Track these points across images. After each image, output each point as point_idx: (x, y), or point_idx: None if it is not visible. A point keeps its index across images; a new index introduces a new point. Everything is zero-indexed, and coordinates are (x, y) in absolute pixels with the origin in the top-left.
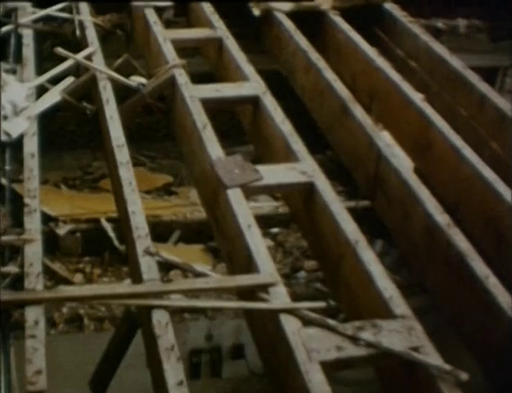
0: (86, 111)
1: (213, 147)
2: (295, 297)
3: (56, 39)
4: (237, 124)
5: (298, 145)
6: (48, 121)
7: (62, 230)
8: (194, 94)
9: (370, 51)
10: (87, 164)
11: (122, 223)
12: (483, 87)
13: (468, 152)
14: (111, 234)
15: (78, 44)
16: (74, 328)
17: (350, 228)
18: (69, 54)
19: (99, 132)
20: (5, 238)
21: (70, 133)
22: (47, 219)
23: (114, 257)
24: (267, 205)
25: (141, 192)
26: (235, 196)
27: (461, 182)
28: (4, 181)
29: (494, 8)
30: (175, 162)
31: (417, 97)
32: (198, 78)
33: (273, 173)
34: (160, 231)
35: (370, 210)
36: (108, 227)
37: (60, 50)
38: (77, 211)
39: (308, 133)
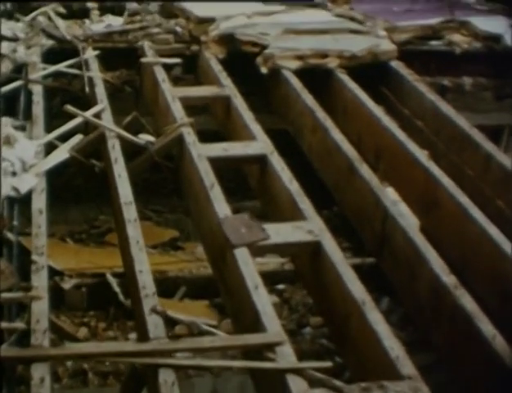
0: (94, 169)
1: (221, 206)
2: (301, 353)
3: (65, 95)
4: (244, 179)
5: (305, 204)
6: (55, 176)
7: (67, 284)
8: (202, 153)
9: (377, 110)
10: (93, 218)
11: (128, 280)
12: (489, 146)
13: (474, 211)
14: (116, 289)
15: (87, 100)
16: (78, 383)
17: (357, 288)
18: (78, 112)
19: (106, 187)
20: (12, 295)
21: (77, 187)
22: (52, 272)
23: (119, 312)
24: (272, 261)
25: (147, 247)
26: (242, 256)
27: (467, 241)
28: (12, 237)
29: (499, 66)
30: (181, 217)
31: (423, 156)
32: (205, 135)
33: (280, 232)
34: (166, 286)
35: (376, 267)
36: (113, 281)
37: (69, 107)
38: (82, 265)
39: (315, 188)
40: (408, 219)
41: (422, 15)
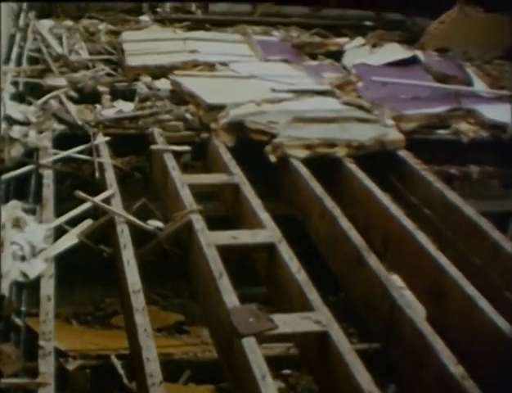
0: (103, 254)
1: (229, 296)
2: None
3: (75, 180)
4: (252, 264)
5: (313, 294)
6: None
7: (72, 365)
8: (210, 241)
9: (385, 199)
10: (99, 300)
11: (135, 366)
12: (497, 235)
13: (482, 302)
14: (121, 371)
15: (97, 185)
16: None
17: (364, 379)
18: (88, 197)
19: (113, 270)
20: (19, 381)
21: (83, 269)
22: (57, 353)
23: None
24: (278, 345)
25: (153, 330)
26: (249, 345)
27: (474, 331)
28: (19, 322)
29: (506, 154)
30: (187, 301)
31: (431, 245)
32: (214, 221)
33: (288, 322)
34: (171, 369)
35: (382, 353)
36: (118, 364)
37: (79, 193)
38: (87, 347)
39: (322, 274)
40: (416, 309)
41: (429, 103)
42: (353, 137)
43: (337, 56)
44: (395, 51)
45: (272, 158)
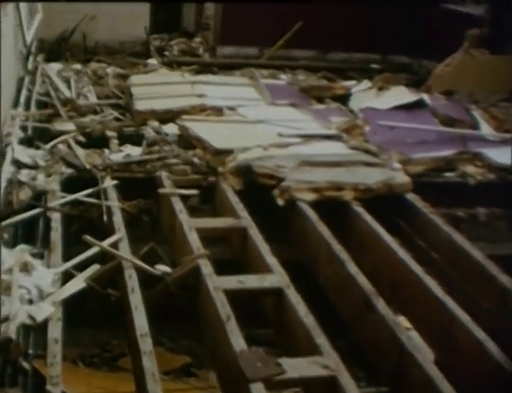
0: (110, 298)
1: (237, 340)
2: None
3: (83, 223)
4: (260, 306)
5: (321, 338)
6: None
7: None
8: (218, 285)
9: (392, 243)
10: (105, 342)
11: None
12: (505, 279)
13: (490, 346)
14: None
15: (104, 228)
16: None
17: None
18: (96, 242)
19: (120, 313)
20: None
21: (90, 311)
22: None
23: None
24: (287, 391)
25: (160, 373)
26: (257, 391)
27: (483, 375)
28: (27, 365)
29: None
30: (194, 343)
31: (439, 290)
32: (222, 265)
33: (296, 367)
34: None
35: None
36: None
37: (87, 238)
38: (94, 390)
39: (330, 317)
40: (424, 354)
41: (435, 146)
42: (361, 180)
43: (344, 99)
44: (402, 95)
45: (280, 201)
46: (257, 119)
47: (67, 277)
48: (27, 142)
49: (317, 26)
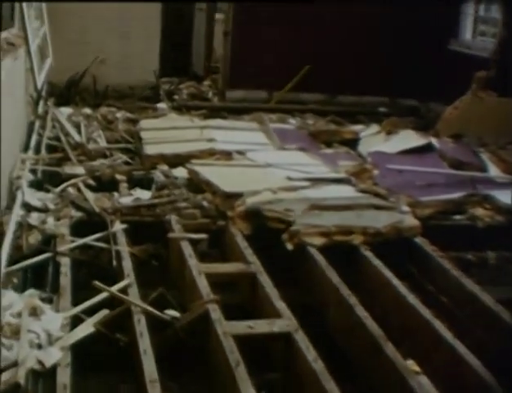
0: (119, 342)
1: (246, 386)
2: None
3: (92, 267)
4: (268, 350)
5: (330, 384)
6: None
7: None
8: (227, 331)
9: (401, 287)
10: (114, 387)
11: None
12: None
13: (499, 390)
14: None
15: (114, 273)
16: None
17: None
18: (105, 287)
19: (129, 357)
20: None
21: (98, 355)
22: None
23: None
24: None
25: None
26: None
27: None
28: None
29: None
30: (204, 389)
31: (448, 334)
32: (230, 310)
33: None
34: None
35: None
36: None
37: (96, 283)
38: None
39: (339, 361)
40: None
41: (444, 189)
42: (370, 224)
43: (353, 143)
44: (410, 138)
45: (289, 246)
46: (266, 163)
47: (76, 321)
48: (37, 185)
49: (326, 70)
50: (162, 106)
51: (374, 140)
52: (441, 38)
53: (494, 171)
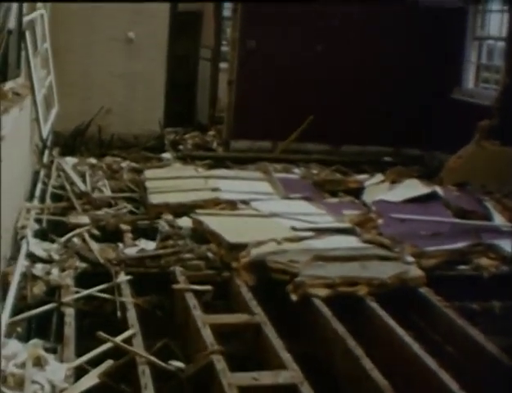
0: None
1: None
2: None
3: (96, 318)
4: None
5: None
6: None
7: None
8: (232, 382)
9: (407, 338)
10: None
11: None
12: None
13: None
14: None
15: (118, 323)
16: None
17: None
18: (110, 338)
19: None
20: None
21: None
22: None
23: None
24: None
25: None
26: None
27: None
28: None
29: None
30: None
31: (455, 385)
32: (235, 361)
33: None
34: None
35: None
36: None
37: (100, 334)
38: None
39: None
40: None
41: (449, 239)
42: (374, 275)
43: (357, 192)
44: (414, 187)
45: (294, 297)
46: (270, 213)
47: (80, 372)
48: (42, 234)
49: (330, 120)
50: (167, 155)
51: (378, 189)
52: (444, 87)
53: (499, 219)
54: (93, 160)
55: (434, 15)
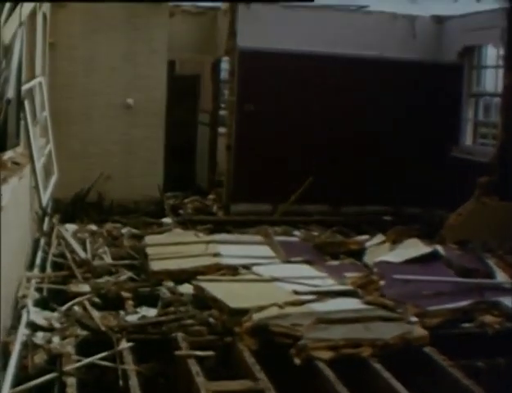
0: None
1: None
2: None
3: (98, 387)
4: None
5: None
6: None
7: None
8: None
9: None
10: None
11: None
12: None
13: None
14: None
15: (120, 391)
16: None
17: None
18: None
19: None
20: None
21: None
22: None
23: None
24: None
25: None
26: None
27: None
28: None
29: None
30: None
31: None
32: None
33: None
34: None
35: None
36: None
37: None
38: None
39: None
40: None
41: (452, 297)
42: (378, 336)
43: (358, 254)
44: (415, 247)
45: (297, 361)
46: (272, 277)
47: None
48: (42, 303)
49: (329, 181)
50: (167, 220)
51: (379, 250)
52: (442, 145)
53: (501, 276)
54: (93, 227)
55: (431, 74)
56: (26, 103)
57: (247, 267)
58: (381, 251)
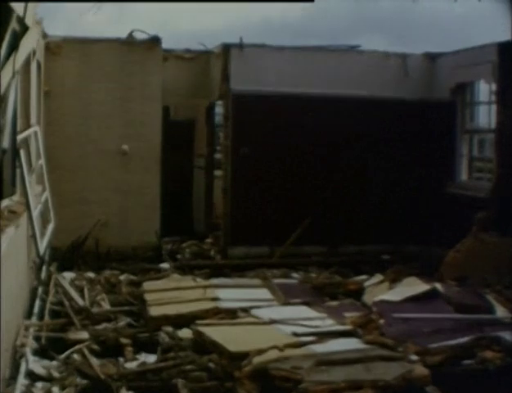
0: None
1: None
2: None
3: None
4: None
5: None
6: None
7: None
8: None
9: None
10: None
11: None
12: None
13: None
14: None
15: None
16: None
17: None
18: None
19: None
20: None
21: None
22: None
23: None
24: None
25: None
26: None
27: None
28: None
29: None
30: None
31: None
32: None
33: None
34: None
35: None
36: None
37: None
38: None
39: None
40: None
41: (452, 334)
42: (379, 376)
43: (357, 294)
44: (414, 285)
45: None
46: (271, 320)
47: None
48: (41, 352)
49: (326, 222)
50: (165, 266)
51: (378, 289)
52: (438, 182)
53: (501, 311)
54: (91, 274)
55: (425, 111)
56: (22, 152)
57: (246, 310)
58: (380, 291)
